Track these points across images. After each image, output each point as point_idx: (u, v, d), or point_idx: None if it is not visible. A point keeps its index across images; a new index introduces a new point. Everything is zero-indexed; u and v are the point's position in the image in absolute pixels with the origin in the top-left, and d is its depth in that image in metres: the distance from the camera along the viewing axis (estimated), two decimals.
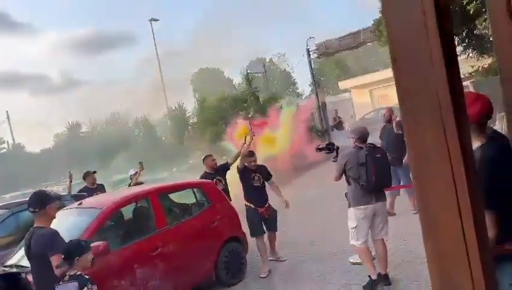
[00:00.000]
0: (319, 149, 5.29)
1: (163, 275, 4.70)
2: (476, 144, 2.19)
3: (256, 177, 5.86)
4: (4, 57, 69.14)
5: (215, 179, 6.37)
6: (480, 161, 2.09)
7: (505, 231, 2.00)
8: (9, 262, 4.47)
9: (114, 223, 5.44)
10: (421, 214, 1.08)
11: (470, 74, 12.25)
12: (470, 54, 11.87)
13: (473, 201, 1.00)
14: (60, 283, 1.30)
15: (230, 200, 6.36)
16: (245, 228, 5.90)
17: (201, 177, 6.44)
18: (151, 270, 4.61)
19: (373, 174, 4.34)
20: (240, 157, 6.09)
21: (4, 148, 35.17)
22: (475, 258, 1.00)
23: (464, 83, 12.60)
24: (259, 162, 6.11)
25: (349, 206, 4.60)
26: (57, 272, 3.10)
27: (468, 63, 12.08)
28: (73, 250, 3.02)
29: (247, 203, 5.84)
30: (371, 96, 27.91)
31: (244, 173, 5.84)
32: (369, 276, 4.50)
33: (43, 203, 3.37)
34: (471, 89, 9.77)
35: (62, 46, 70.40)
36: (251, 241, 5.87)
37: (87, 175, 7.60)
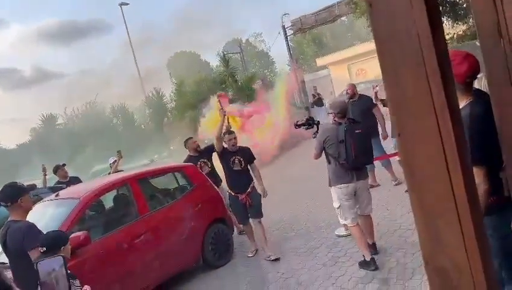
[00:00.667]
0: (298, 125, 4.90)
1: (149, 262, 4.63)
2: (463, 102, 2.23)
3: (236, 161, 5.38)
4: None
5: (200, 162, 6.20)
6: (469, 117, 2.13)
7: (491, 184, 2.08)
8: None
9: (95, 212, 5.31)
10: (407, 172, 1.00)
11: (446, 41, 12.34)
12: (445, 22, 11.93)
13: (461, 155, 0.93)
14: (43, 259, 1.23)
15: (221, 182, 6.19)
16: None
17: (185, 161, 6.23)
18: (135, 258, 4.52)
19: (353, 151, 4.13)
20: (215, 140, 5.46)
21: None
22: (465, 214, 0.94)
23: None
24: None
25: (329, 185, 4.43)
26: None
27: (444, 31, 12.14)
28: (55, 242, 2.88)
29: (228, 190, 5.57)
30: (349, 71, 27.93)
31: (223, 156, 5.42)
32: (363, 256, 4.28)
33: (15, 196, 3.23)
34: None
35: (31, 38, 68.24)
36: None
37: (57, 169, 7.37)
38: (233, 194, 5.44)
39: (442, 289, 1.00)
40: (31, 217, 4.31)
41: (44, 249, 2.81)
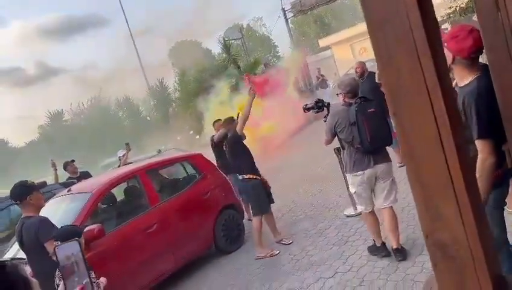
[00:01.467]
0: (307, 109, 4.56)
1: (162, 251, 4.73)
2: (470, 77, 2.25)
3: None
4: None
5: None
6: (476, 92, 2.15)
7: (498, 157, 2.11)
8: (6, 256, 4.45)
9: (107, 205, 5.41)
10: (404, 150, 1.04)
11: (448, 15, 12.17)
12: None
13: (454, 132, 0.96)
14: (61, 244, 1.29)
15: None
16: None
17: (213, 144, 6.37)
18: (149, 248, 4.62)
19: (367, 133, 3.72)
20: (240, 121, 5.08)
21: None
22: (461, 189, 0.98)
23: (443, 26, 12.52)
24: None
25: (345, 171, 4.13)
26: (54, 258, 3.07)
27: (446, 4, 11.98)
28: (69, 236, 2.95)
29: (251, 176, 5.07)
30: (352, 51, 27.67)
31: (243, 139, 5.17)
32: (373, 240, 4.16)
33: (24, 194, 3.32)
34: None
35: (32, 35, 68.11)
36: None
37: (67, 165, 7.51)
38: (259, 178, 5.11)
39: (442, 261, 1.05)
40: (45, 213, 4.42)
41: (59, 242, 2.89)
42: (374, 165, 3.86)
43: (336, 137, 4.02)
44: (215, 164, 6.12)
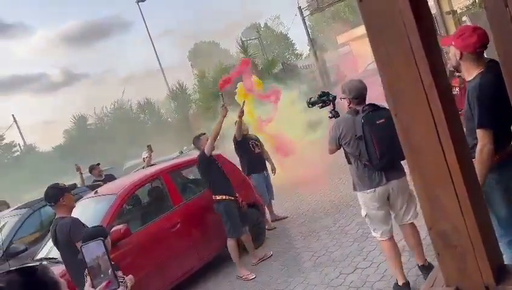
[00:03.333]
0: (311, 104, 3.99)
1: (186, 248, 4.87)
2: (475, 72, 2.44)
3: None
4: (2, 61, 69.26)
5: (251, 142, 6.42)
6: (479, 86, 2.35)
7: (496, 144, 2.32)
8: (38, 256, 4.67)
9: (132, 206, 5.60)
10: (405, 148, 1.12)
11: (467, 7, 11.95)
12: None
13: (451, 127, 1.04)
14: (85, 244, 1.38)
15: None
16: None
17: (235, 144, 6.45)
18: (173, 246, 4.77)
19: (376, 149, 3.21)
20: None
21: (17, 151, 35.71)
22: (459, 181, 1.05)
23: (463, 18, 12.30)
24: None
25: (354, 190, 3.57)
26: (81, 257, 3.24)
27: None
28: (91, 237, 3.08)
29: (223, 197, 4.98)
30: (370, 46, 27.27)
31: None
32: (396, 280, 3.49)
33: (56, 196, 3.51)
34: (468, 22, 9.59)
35: (56, 42, 70.09)
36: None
37: (92, 168, 7.80)
38: (232, 199, 5.05)
39: (445, 250, 1.12)
40: (76, 213, 4.62)
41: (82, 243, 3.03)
42: (387, 182, 3.31)
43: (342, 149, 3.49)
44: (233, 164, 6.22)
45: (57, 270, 3.84)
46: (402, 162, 3.30)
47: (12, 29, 67.01)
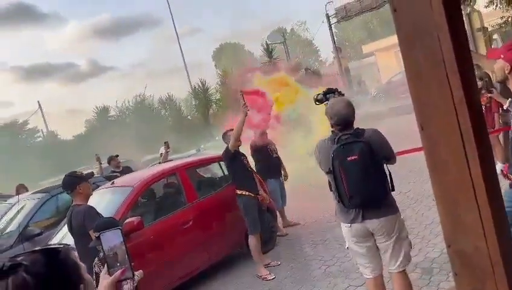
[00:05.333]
0: (318, 101, 3.68)
1: (197, 246, 4.89)
2: None
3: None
4: (33, 49, 71.21)
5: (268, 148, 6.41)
6: None
7: None
8: (52, 241, 4.76)
9: (147, 199, 5.66)
10: (429, 163, 1.09)
11: (499, 25, 11.72)
12: (498, 5, 11.32)
13: (479, 146, 1.01)
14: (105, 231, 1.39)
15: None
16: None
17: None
18: (184, 243, 4.80)
19: (346, 189, 2.82)
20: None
21: (39, 137, 36.51)
22: (483, 201, 1.03)
23: (494, 36, 12.08)
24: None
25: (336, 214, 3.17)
26: (95, 246, 3.28)
27: (497, 14, 11.54)
28: (102, 227, 3.12)
29: (243, 192, 5.02)
30: (396, 58, 27.11)
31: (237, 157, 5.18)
32: None
33: (73, 184, 3.58)
34: (499, 40, 9.39)
35: (86, 34, 71.73)
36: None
37: (111, 159, 7.91)
38: (252, 195, 5.10)
39: (463, 270, 1.09)
40: (92, 202, 4.69)
41: (97, 234, 3.08)
42: (363, 220, 2.88)
43: None
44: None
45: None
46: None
47: (48, 18, 69.01)
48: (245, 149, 5.80)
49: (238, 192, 5.03)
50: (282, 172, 6.62)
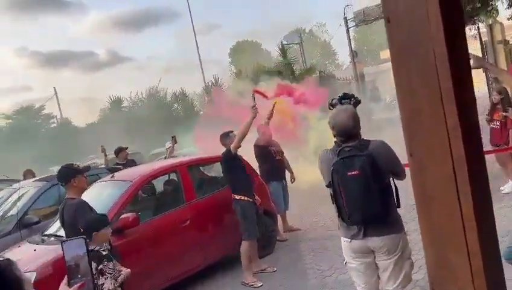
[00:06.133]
0: (332, 105, 3.27)
1: (192, 246, 4.81)
2: None
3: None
4: (54, 36, 72.14)
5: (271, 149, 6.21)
6: None
7: None
8: (48, 231, 4.72)
9: (146, 195, 5.59)
10: (417, 193, 0.98)
11: None
12: None
13: (472, 179, 0.89)
14: (66, 240, 1.33)
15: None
16: None
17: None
18: (179, 242, 4.72)
19: (345, 206, 2.70)
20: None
21: (54, 122, 36.90)
22: (474, 243, 0.91)
23: None
24: None
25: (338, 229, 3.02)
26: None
27: None
28: (90, 225, 3.04)
29: (242, 197, 4.86)
30: None
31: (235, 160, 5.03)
32: None
33: (68, 177, 3.51)
34: None
35: (107, 24, 72.45)
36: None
37: (119, 151, 7.79)
38: (251, 200, 4.95)
39: None
40: (88, 195, 4.64)
41: (83, 229, 3.01)
42: (364, 237, 2.74)
43: None
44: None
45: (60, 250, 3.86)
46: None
47: (71, 6, 69.84)
48: (247, 150, 5.68)
49: (237, 197, 4.83)
50: (290, 174, 6.49)
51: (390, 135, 2.93)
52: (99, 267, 2.76)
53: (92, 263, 2.73)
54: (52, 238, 4.42)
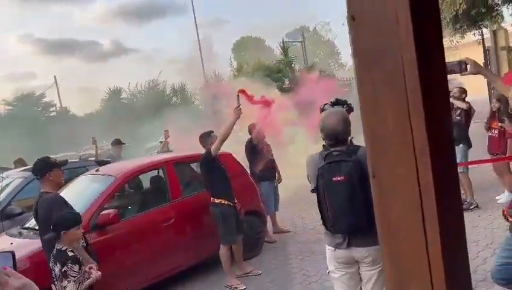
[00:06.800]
0: (323, 111, 3.04)
1: (175, 246, 4.68)
2: None
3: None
4: (60, 23, 71.87)
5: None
6: None
7: None
8: (27, 225, 4.60)
9: (132, 190, 5.46)
10: (379, 220, 0.85)
11: None
12: None
13: (439, 207, 0.76)
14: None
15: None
16: None
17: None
18: (162, 241, 4.59)
19: (328, 210, 2.61)
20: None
21: (53, 111, 36.73)
22: (439, 277, 0.78)
23: None
24: None
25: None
26: None
27: None
28: (60, 222, 2.92)
29: (221, 201, 4.72)
30: None
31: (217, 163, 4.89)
32: None
33: (44, 170, 3.40)
34: None
35: (114, 14, 72.17)
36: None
37: (117, 144, 7.59)
38: (231, 204, 4.81)
39: None
40: (70, 189, 4.52)
41: (52, 228, 2.88)
42: (348, 247, 2.65)
43: None
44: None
45: (36, 245, 3.73)
46: None
47: None
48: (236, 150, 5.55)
49: (216, 201, 4.64)
50: (277, 175, 6.37)
51: None
52: (63, 269, 2.63)
53: (57, 263, 2.62)
54: (31, 232, 4.29)
